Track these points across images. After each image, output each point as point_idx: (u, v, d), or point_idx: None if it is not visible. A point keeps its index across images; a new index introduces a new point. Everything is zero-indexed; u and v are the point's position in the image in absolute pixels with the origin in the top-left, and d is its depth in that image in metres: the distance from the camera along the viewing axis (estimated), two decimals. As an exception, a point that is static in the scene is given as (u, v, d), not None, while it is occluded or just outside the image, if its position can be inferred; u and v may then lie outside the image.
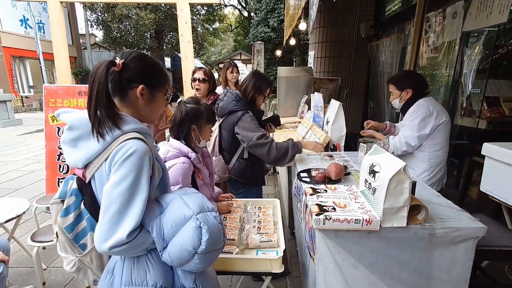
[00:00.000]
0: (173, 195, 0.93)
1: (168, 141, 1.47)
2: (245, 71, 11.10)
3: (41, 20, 14.03)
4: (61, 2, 4.70)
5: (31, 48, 13.22)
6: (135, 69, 0.89)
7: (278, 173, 4.35)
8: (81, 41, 18.39)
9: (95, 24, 17.21)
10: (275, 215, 1.60)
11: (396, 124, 2.29)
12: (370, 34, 4.12)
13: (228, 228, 1.43)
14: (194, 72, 2.67)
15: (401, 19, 3.37)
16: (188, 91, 8.43)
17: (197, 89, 2.62)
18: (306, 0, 2.47)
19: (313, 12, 2.30)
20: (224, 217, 1.53)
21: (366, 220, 1.07)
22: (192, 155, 1.38)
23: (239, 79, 3.75)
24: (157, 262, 0.92)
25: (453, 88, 2.67)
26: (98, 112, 0.84)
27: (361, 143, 1.99)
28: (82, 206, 0.95)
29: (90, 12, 16.58)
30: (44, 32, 14.19)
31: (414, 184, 1.31)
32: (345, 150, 2.26)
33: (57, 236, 0.97)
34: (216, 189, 1.71)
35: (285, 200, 3.02)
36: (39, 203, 2.52)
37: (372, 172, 1.17)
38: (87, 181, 0.91)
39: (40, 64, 12.31)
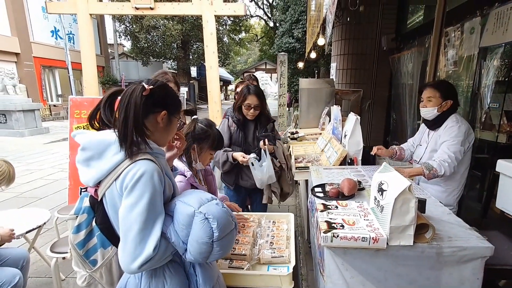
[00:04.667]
0: (174, 201, 0.98)
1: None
2: (269, 81, 11.28)
3: (71, 31, 14.56)
4: (90, 14, 5.11)
5: (60, 58, 13.72)
6: (160, 95, 0.95)
7: (299, 184, 4.39)
8: (109, 50, 19.13)
9: (123, 35, 17.84)
10: (289, 229, 1.62)
11: (404, 145, 2.20)
12: (391, 47, 4.12)
13: (240, 243, 1.46)
14: (237, 86, 2.81)
15: (421, 33, 3.40)
16: (213, 100, 8.70)
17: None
18: (324, 17, 2.55)
19: (329, 29, 2.38)
20: (238, 231, 1.55)
21: (373, 238, 1.12)
22: (188, 173, 1.37)
23: (263, 89, 3.88)
24: (173, 273, 0.97)
25: (472, 101, 2.63)
26: (134, 133, 0.89)
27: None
28: (94, 223, 1.01)
29: (119, 23, 17.26)
30: (73, 43, 14.74)
31: (424, 202, 1.34)
32: (363, 164, 2.29)
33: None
34: (220, 195, 1.78)
35: (304, 212, 3.07)
36: (61, 213, 2.56)
37: (381, 190, 1.22)
38: (99, 199, 0.97)
39: (68, 73, 12.58)
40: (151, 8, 5.40)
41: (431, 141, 1.94)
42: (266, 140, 2.16)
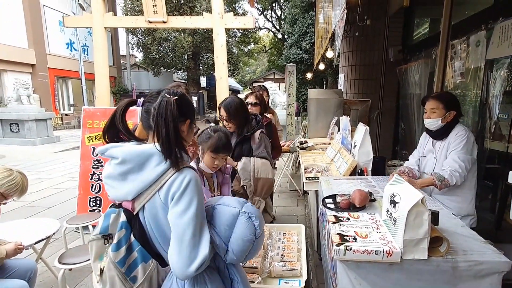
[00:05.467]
0: (209, 206, 1.03)
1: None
2: (277, 91, 11.39)
3: (85, 43, 15.06)
4: (105, 27, 5.31)
5: (74, 69, 14.31)
6: (184, 105, 0.99)
7: (308, 194, 4.37)
8: (121, 61, 19.73)
9: (135, 46, 18.43)
10: (300, 241, 1.62)
11: (409, 164, 2.14)
12: (398, 58, 4.22)
13: None
14: (246, 97, 2.85)
15: (427, 45, 3.46)
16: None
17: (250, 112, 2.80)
18: (332, 31, 2.60)
19: (337, 43, 2.41)
20: None
21: (386, 251, 1.11)
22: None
23: (271, 99, 3.96)
24: (212, 278, 1.00)
25: (481, 112, 2.63)
26: (176, 144, 0.93)
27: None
28: (132, 238, 0.97)
29: (132, 35, 17.93)
30: (87, 54, 15.31)
31: (437, 214, 1.32)
32: (373, 174, 2.27)
33: (101, 274, 0.96)
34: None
35: (314, 223, 3.04)
36: (69, 223, 2.54)
37: (393, 202, 1.21)
38: (135, 213, 0.96)
39: (81, 84, 12.99)
40: (164, 22, 5.60)
41: (440, 152, 1.92)
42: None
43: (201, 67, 20.36)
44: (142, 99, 1.00)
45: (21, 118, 9.56)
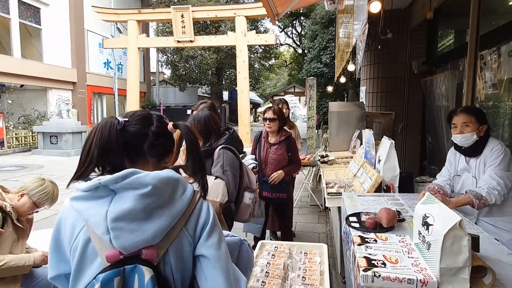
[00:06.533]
0: None
1: None
2: (298, 104, 11.37)
3: (120, 62, 16.46)
4: (138, 48, 5.66)
5: (108, 85, 15.68)
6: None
7: (329, 209, 4.20)
8: (151, 78, 21.14)
9: (164, 64, 19.85)
10: (323, 263, 1.53)
11: (438, 182, 1.98)
12: (423, 70, 4.11)
13: (270, 276, 1.39)
14: (264, 112, 2.85)
15: (454, 56, 3.36)
16: (243, 123, 9.01)
17: (268, 127, 2.78)
18: (354, 45, 2.55)
19: (359, 57, 2.36)
20: (268, 263, 1.49)
21: (421, 280, 0.99)
22: None
23: (292, 112, 3.95)
24: None
25: None
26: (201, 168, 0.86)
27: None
28: None
29: (161, 54, 19.34)
30: (121, 72, 16.62)
31: (477, 239, 1.19)
32: (400, 191, 2.13)
33: None
34: None
35: (337, 242, 2.89)
36: None
37: (425, 224, 1.11)
38: (156, 263, 0.72)
39: (114, 99, 14.37)
40: (191, 41, 5.87)
41: (477, 170, 1.76)
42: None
43: (224, 82, 21.20)
44: (122, 119, 0.81)
45: (60, 131, 10.34)
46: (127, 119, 0.81)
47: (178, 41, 9.27)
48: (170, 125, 0.88)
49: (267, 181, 2.71)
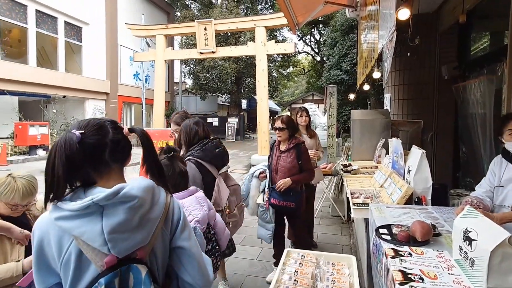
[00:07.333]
0: None
1: None
2: (317, 111, 11.26)
3: (148, 74, 17.72)
4: (165, 60, 5.93)
5: (137, 96, 16.97)
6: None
7: (353, 221, 4.07)
8: (174, 87, 22.10)
9: (187, 74, 20.84)
10: (352, 275, 1.46)
11: (477, 194, 1.84)
12: (454, 76, 3.90)
13: (299, 284, 1.36)
14: (274, 121, 2.86)
15: (490, 60, 3.15)
16: (262, 131, 9.06)
17: (278, 136, 2.79)
18: (380, 52, 2.49)
19: (386, 64, 2.29)
20: (296, 271, 1.47)
21: (464, 298, 0.93)
22: None
23: (312, 120, 3.92)
24: None
25: None
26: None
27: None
28: None
29: (184, 65, 20.35)
30: (148, 83, 17.78)
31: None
32: (432, 204, 2.02)
33: None
34: None
35: (363, 255, 2.78)
36: None
37: (468, 239, 1.04)
38: (145, 260, 0.83)
39: (142, 108, 15.58)
40: (213, 52, 6.06)
41: None
42: None
43: (242, 91, 21.64)
44: (77, 133, 0.80)
45: (94, 138, 11.51)
46: (83, 131, 0.82)
47: (201, 53, 9.64)
48: (125, 129, 0.93)
49: (275, 188, 2.69)
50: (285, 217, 2.90)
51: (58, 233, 0.78)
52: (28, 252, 1.56)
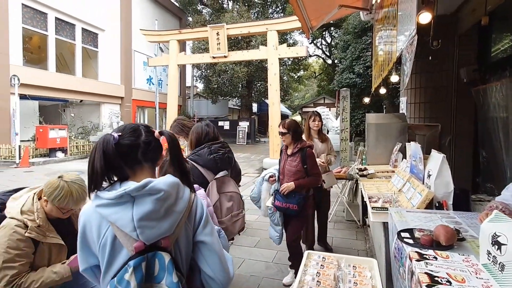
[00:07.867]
0: None
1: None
2: (330, 115, 11.21)
3: (160, 78, 18.10)
4: (178, 64, 6.05)
5: (150, 99, 17.41)
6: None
7: (369, 226, 4.02)
8: (186, 91, 22.48)
9: (199, 78, 21.04)
10: (373, 277, 1.46)
11: (502, 199, 1.72)
12: (473, 78, 3.79)
13: (322, 285, 1.37)
14: (279, 126, 2.90)
15: None
16: (273, 134, 9.08)
17: (283, 141, 2.83)
18: (399, 55, 2.48)
19: (406, 68, 2.29)
20: (318, 272, 1.48)
21: (494, 302, 0.93)
22: None
23: (324, 124, 3.89)
24: None
25: None
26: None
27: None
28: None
29: (196, 69, 20.59)
30: (161, 87, 18.14)
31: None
32: (453, 209, 2.00)
33: None
34: None
35: (381, 260, 2.74)
36: None
37: (496, 243, 1.03)
38: (170, 249, 0.92)
39: (155, 112, 16.00)
40: (225, 56, 6.13)
41: None
42: None
43: (253, 94, 21.69)
44: (116, 135, 0.93)
45: (109, 140, 12.14)
46: (120, 134, 0.94)
47: (213, 57, 9.76)
48: (156, 132, 1.02)
49: (279, 191, 2.73)
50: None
51: (98, 219, 0.90)
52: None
